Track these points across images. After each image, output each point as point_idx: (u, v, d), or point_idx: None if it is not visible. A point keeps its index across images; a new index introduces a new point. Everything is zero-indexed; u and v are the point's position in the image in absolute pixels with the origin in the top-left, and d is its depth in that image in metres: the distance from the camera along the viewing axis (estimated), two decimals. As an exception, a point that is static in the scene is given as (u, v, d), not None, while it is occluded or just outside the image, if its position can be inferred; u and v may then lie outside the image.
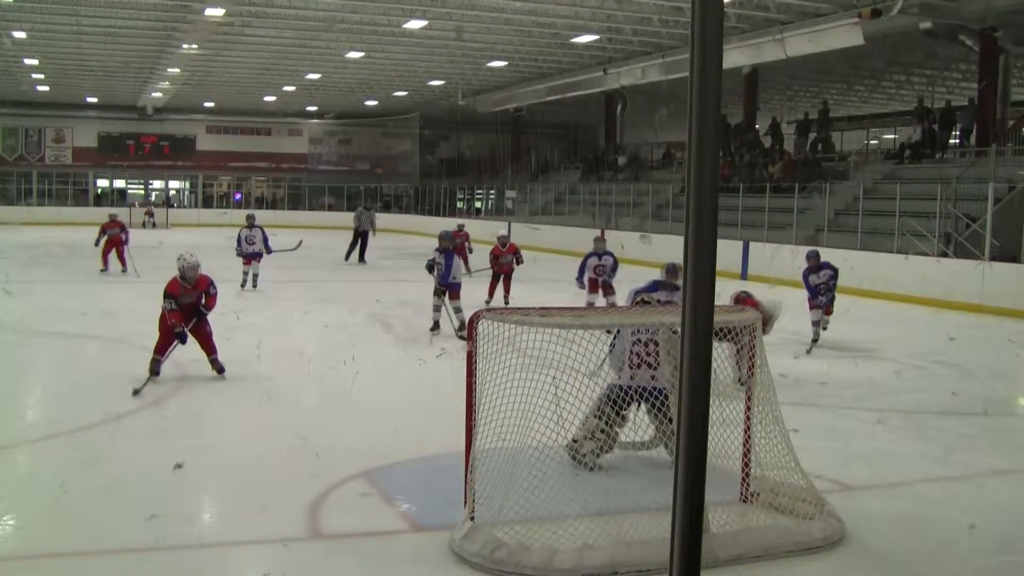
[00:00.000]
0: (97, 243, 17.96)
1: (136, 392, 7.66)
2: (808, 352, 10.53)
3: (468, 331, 4.84)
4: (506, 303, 13.45)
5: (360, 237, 22.11)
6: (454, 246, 11.83)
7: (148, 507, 5.13)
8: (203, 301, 8.33)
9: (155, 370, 8.12)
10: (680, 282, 8.55)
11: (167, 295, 8.21)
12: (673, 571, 1.81)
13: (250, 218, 16.28)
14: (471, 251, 18.79)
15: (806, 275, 11.13)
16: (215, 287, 8.42)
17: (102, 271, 17.83)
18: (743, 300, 8.04)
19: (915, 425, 7.63)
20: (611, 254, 12.94)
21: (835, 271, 11.29)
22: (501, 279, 14.14)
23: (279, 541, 4.75)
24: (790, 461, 5.24)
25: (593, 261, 12.91)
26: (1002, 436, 7.43)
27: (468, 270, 19.13)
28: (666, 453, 5.69)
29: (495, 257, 14.24)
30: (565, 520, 4.68)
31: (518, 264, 14.25)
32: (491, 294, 13.98)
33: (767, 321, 7.70)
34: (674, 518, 1.80)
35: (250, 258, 15.61)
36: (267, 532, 4.87)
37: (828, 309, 11.10)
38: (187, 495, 5.52)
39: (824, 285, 11.07)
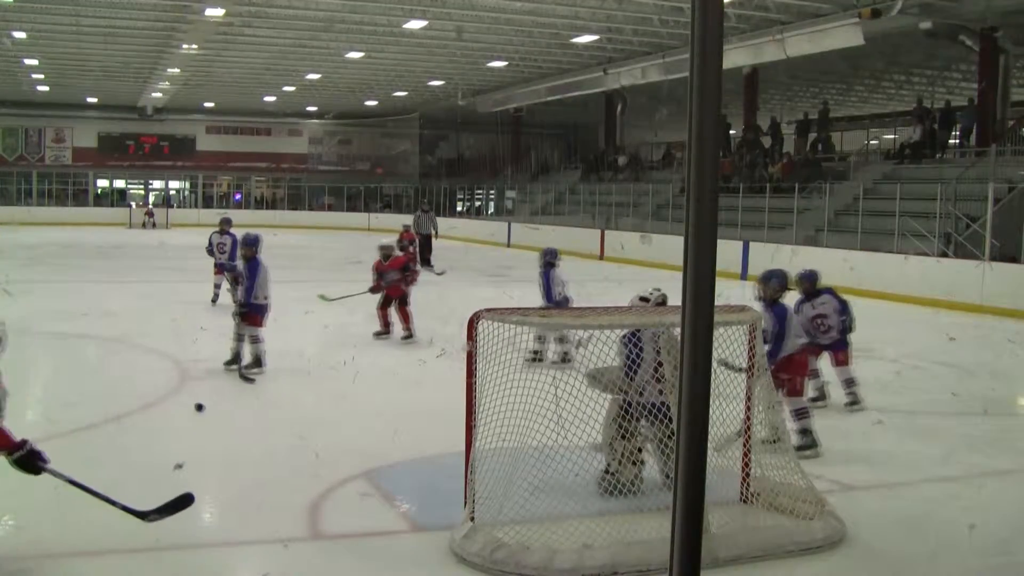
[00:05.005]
0: None
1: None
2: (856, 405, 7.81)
3: (468, 331, 4.80)
4: (406, 333, 10.79)
5: (423, 241, 21.50)
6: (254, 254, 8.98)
7: (148, 507, 5.12)
8: None
9: None
10: None
11: None
12: (673, 571, 1.81)
13: (225, 222, 13.76)
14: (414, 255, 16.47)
15: (798, 308, 7.54)
16: None
17: None
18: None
19: (915, 425, 7.63)
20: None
21: (843, 303, 7.83)
22: (395, 304, 10.94)
23: (279, 541, 4.75)
24: (790, 461, 5.25)
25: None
26: (1002, 436, 7.43)
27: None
28: (659, 475, 5.49)
29: (379, 274, 11.07)
30: (565, 520, 4.68)
31: (409, 284, 11.09)
32: (384, 323, 11.02)
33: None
34: (674, 518, 1.80)
35: (222, 268, 13.00)
36: (267, 532, 4.88)
37: (839, 356, 7.74)
38: (187, 495, 5.51)
39: (821, 320, 7.70)
